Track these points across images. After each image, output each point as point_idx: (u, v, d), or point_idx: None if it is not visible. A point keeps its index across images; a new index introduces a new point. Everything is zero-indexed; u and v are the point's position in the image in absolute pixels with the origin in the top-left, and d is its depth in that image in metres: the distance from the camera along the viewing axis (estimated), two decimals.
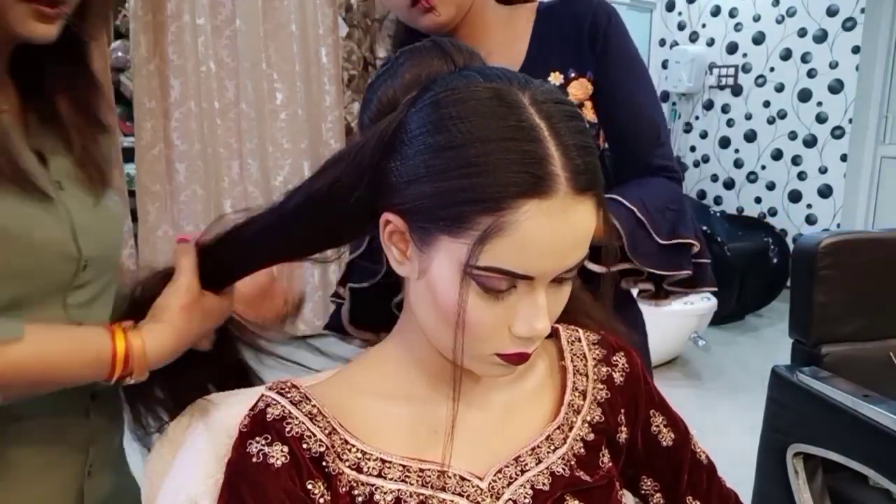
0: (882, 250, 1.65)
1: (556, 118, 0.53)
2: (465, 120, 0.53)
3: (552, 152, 0.52)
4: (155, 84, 3.15)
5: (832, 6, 4.12)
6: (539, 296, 0.55)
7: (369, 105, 0.62)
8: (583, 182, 0.53)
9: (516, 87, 0.54)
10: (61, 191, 0.72)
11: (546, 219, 0.52)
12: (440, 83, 0.56)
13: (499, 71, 0.57)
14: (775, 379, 1.63)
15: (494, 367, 0.60)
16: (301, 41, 3.50)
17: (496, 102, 0.53)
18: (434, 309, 0.58)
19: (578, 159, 0.53)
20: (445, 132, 0.53)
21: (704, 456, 0.76)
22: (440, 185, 0.53)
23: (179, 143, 3.23)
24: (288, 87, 3.50)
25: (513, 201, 0.51)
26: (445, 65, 0.60)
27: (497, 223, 0.51)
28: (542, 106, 0.54)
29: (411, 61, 0.61)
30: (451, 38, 0.64)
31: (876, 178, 4.06)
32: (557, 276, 0.56)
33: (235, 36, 3.33)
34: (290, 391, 0.62)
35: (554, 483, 0.64)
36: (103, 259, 0.76)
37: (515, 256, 0.53)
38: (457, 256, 0.54)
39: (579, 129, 0.55)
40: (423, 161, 0.54)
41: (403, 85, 0.59)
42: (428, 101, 0.55)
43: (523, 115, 0.53)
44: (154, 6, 3.10)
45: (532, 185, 0.51)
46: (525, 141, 0.52)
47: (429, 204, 0.54)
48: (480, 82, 0.55)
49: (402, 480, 0.60)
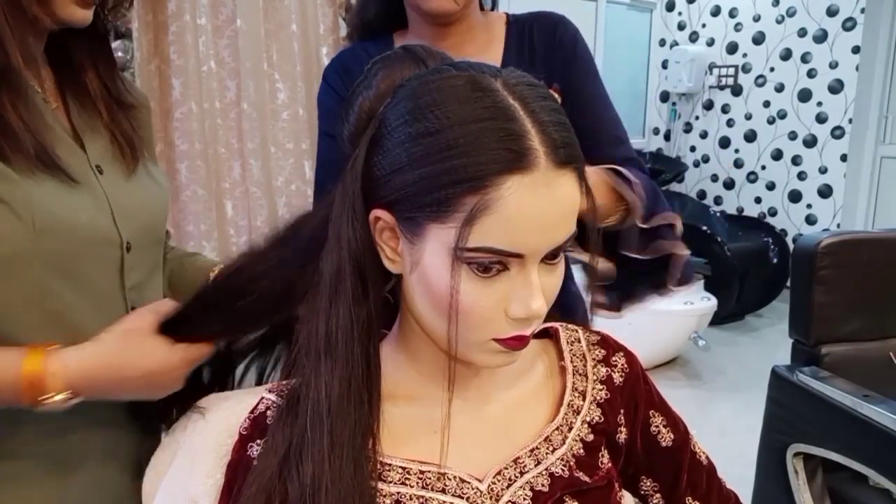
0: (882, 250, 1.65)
1: (529, 99, 0.55)
2: (441, 106, 0.54)
3: (529, 128, 0.53)
4: (156, 84, 3.15)
5: (832, 6, 4.12)
6: (532, 274, 0.56)
7: (348, 118, 0.62)
8: (562, 155, 0.54)
9: (488, 74, 0.56)
10: (101, 175, 0.76)
11: (529, 193, 0.53)
12: (414, 78, 0.58)
13: (469, 63, 0.58)
14: (775, 379, 1.63)
15: (494, 356, 0.60)
16: (302, 41, 3.50)
17: (470, 88, 0.54)
18: (429, 299, 0.58)
19: (555, 134, 0.54)
20: (423, 120, 0.54)
21: (704, 456, 0.76)
22: (422, 172, 0.53)
23: (180, 143, 3.22)
24: (289, 86, 3.50)
25: (495, 178, 0.52)
26: (418, 69, 0.61)
27: (482, 202, 0.52)
28: (515, 89, 0.55)
29: (385, 70, 0.61)
30: (422, 44, 0.65)
31: (876, 178, 4.06)
32: (548, 255, 0.56)
33: (236, 36, 3.33)
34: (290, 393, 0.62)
35: (553, 484, 0.64)
36: (145, 238, 0.80)
37: (503, 234, 0.53)
38: (445, 241, 0.54)
39: (552, 107, 0.56)
40: (403, 150, 0.55)
41: (379, 94, 0.60)
42: (404, 93, 0.57)
43: (498, 97, 0.54)
44: (154, 6, 3.10)
45: (512, 160, 0.52)
46: (501, 120, 0.53)
47: (413, 191, 0.54)
48: (453, 72, 0.56)
49: (402, 483, 0.60)
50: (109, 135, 0.80)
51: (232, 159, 3.41)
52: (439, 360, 0.63)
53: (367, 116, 0.60)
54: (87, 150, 0.76)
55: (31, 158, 0.67)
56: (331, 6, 3.59)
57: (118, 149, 0.80)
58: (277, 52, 3.46)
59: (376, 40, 1.13)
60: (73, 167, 0.72)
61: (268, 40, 3.42)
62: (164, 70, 3.16)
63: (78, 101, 0.79)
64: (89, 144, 0.77)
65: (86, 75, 0.79)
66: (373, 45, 1.13)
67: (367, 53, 1.12)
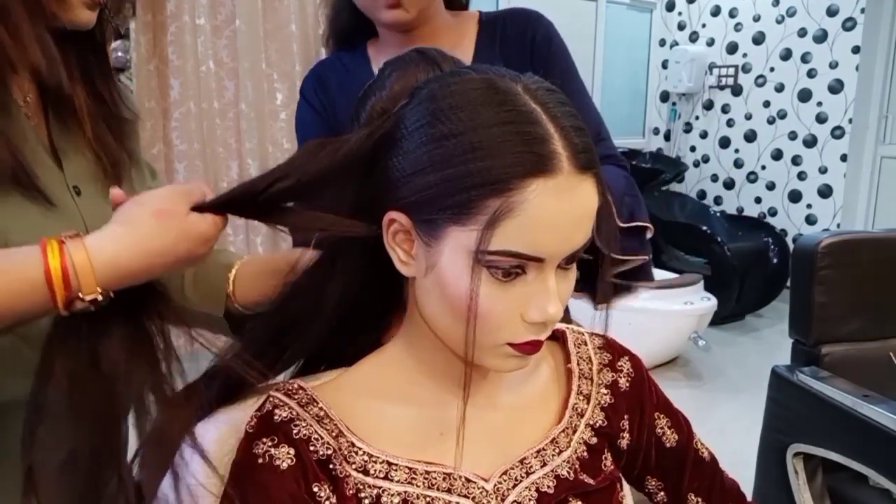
0: (882, 250, 1.65)
1: (550, 103, 0.55)
2: (463, 109, 0.53)
3: (552, 132, 0.53)
4: (154, 84, 3.15)
5: (832, 6, 4.12)
6: (549, 279, 0.56)
7: (359, 118, 0.62)
8: (583, 160, 0.54)
9: (508, 78, 0.56)
10: (78, 197, 0.71)
11: (553, 197, 0.52)
12: (433, 80, 0.57)
13: (488, 66, 0.58)
14: (775, 379, 1.63)
15: (508, 360, 0.59)
16: (301, 41, 3.49)
17: (492, 91, 0.54)
18: (444, 303, 0.57)
19: (577, 139, 0.54)
20: (446, 122, 0.53)
21: (707, 452, 0.77)
22: (445, 174, 0.53)
23: (179, 143, 3.22)
24: (288, 87, 3.50)
25: (520, 181, 0.52)
26: (432, 72, 0.60)
27: (506, 204, 0.52)
28: (536, 93, 0.55)
29: (398, 72, 0.61)
30: (434, 47, 0.64)
31: (876, 178, 4.06)
32: (563, 260, 0.56)
33: (235, 36, 3.33)
34: (298, 392, 0.62)
35: (558, 486, 0.64)
36: None
37: (525, 238, 0.53)
38: (465, 244, 0.54)
39: (572, 113, 0.56)
40: (425, 152, 0.54)
41: (392, 95, 0.60)
42: (423, 96, 0.56)
43: (519, 101, 0.54)
44: (154, 6, 3.09)
45: (536, 163, 0.52)
46: (525, 123, 0.53)
47: (434, 193, 0.54)
48: (473, 75, 0.56)
49: (409, 482, 0.60)
50: (92, 153, 0.74)
51: (230, 159, 3.41)
52: (447, 363, 0.63)
53: (379, 117, 0.59)
54: (64, 170, 0.72)
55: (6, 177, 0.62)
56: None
57: (101, 168, 0.74)
58: (276, 52, 3.45)
59: (351, 49, 1.13)
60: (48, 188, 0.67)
61: (266, 41, 3.42)
62: (163, 70, 3.16)
63: (60, 117, 0.73)
64: (68, 163, 0.72)
65: (73, 88, 0.73)
66: (347, 54, 1.13)
67: (341, 63, 1.13)
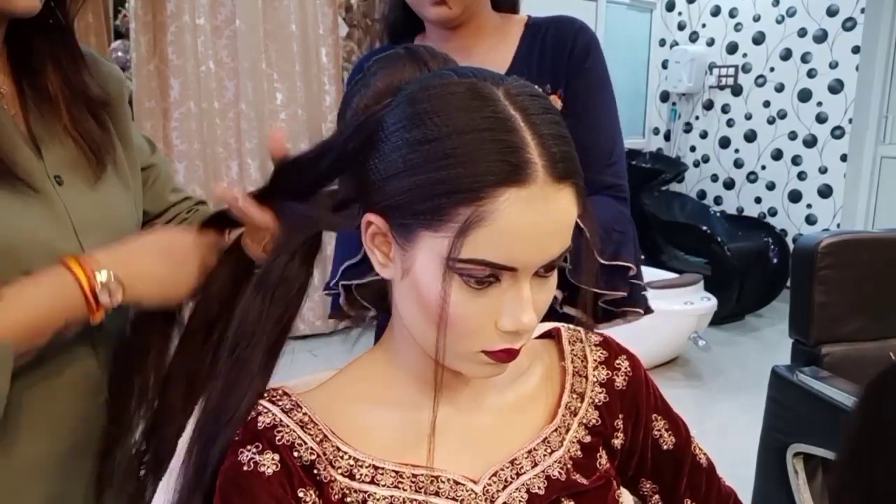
0: (882, 250, 1.65)
1: (530, 110, 0.54)
2: (440, 113, 0.53)
3: (528, 141, 0.52)
4: (154, 84, 3.15)
5: (832, 6, 4.12)
6: (523, 289, 0.55)
7: (345, 117, 0.62)
8: (560, 170, 0.53)
9: (490, 83, 0.55)
10: (60, 186, 0.71)
11: (525, 207, 0.51)
12: (415, 82, 0.57)
13: (472, 69, 0.57)
14: (775, 379, 1.63)
15: (482, 367, 0.59)
16: (301, 41, 3.49)
17: (471, 96, 0.53)
18: (418, 307, 0.57)
19: (555, 148, 0.53)
20: (421, 126, 0.53)
21: (704, 458, 0.76)
22: (418, 179, 0.53)
23: (179, 143, 3.22)
24: (288, 87, 3.50)
25: (491, 190, 0.51)
26: (419, 71, 0.60)
27: (476, 213, 0.51)
28: (517, 99, 0.54)
29: (384, 70, 0.60)
30: (425, 45, 0.64)
31: (876, 178, 4.06)
32: (541, 269, 0.56)
33: (235, 36, 3.33)
34: (282, 399, 0.61)
35: (550, 487, 0.63)
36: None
37: (497, 247, 0.52)
38: (438, 251, 0.53)
39: (554, 120, 0.55)
40: (400, 156, 0.54)
41: (376, 93, 0.59)
42: (403, 97, 0.56)
43: (498, 107, 0.53)
44: (154, 6, 3.09)
45: (509, 173, 0.51)
46: (501, 131, 0.52)
47: (408, 199, 0.53)
48: (455, 78, 0.55)
49: (395, 486, 0.60)
50: (72, 140, 0.74)
51: (230, 159, 3.41)
52: (429, 367, 0.62)
53: (363, 115, 0.59)
54: (44, 159, 0.71)
55: None
56: (330, 7, 3.58)
57: (83, 154, 0.74)
58: (276, 52, 3.45)
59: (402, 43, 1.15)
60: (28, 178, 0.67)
61: (266, 41, 3.42)
62: (163, 70, 3.16)
63: (37, 106, 0.73)
64: (48, 153, 0.72)
65: (46, 76, 0.73)
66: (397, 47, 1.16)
67: None
